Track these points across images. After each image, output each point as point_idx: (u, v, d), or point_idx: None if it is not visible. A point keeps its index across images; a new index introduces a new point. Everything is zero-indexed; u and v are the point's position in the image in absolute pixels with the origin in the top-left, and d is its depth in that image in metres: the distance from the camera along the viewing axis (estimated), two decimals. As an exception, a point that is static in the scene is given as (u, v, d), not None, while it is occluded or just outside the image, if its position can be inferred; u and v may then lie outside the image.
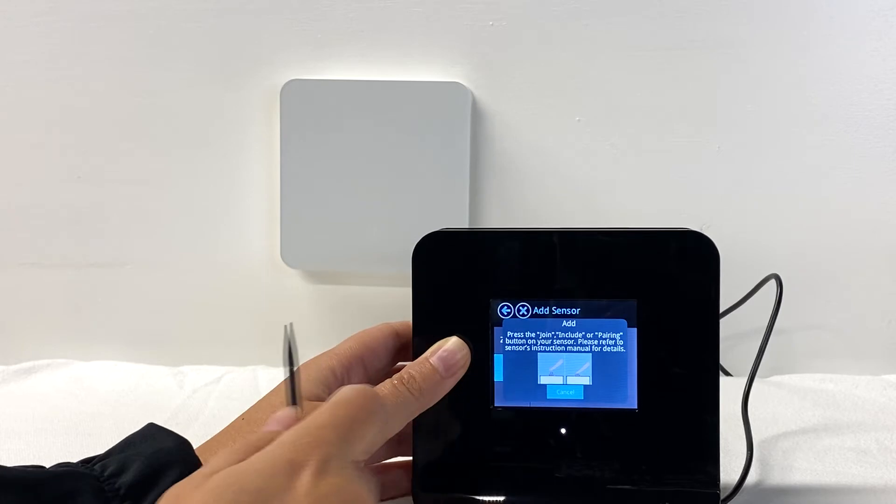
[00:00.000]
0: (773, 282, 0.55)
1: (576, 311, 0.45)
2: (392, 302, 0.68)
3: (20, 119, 0.66)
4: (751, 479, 0.48)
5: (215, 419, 0.59)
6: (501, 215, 0.65)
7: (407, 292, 0.67)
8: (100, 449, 0.55)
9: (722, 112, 0.63)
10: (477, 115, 0.64)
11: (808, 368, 0.66)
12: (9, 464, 0.53)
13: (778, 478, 0.50)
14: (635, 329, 0.44)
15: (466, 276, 0.45)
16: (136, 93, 0.65)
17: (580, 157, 0.64)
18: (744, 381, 0.53)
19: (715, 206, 0.64)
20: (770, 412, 0.58)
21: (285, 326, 0.39)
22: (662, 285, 0.44)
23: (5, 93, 0.65)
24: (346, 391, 0.37)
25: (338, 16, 0.63)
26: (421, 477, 0.46)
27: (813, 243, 0.65)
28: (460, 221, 0.64)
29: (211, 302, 0.64)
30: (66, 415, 0.60)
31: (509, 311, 0.45)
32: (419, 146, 0.63)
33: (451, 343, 0.44)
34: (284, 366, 0.38)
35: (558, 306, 0.45)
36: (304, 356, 0.71)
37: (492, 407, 0.46)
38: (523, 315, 0.45)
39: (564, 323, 0.45)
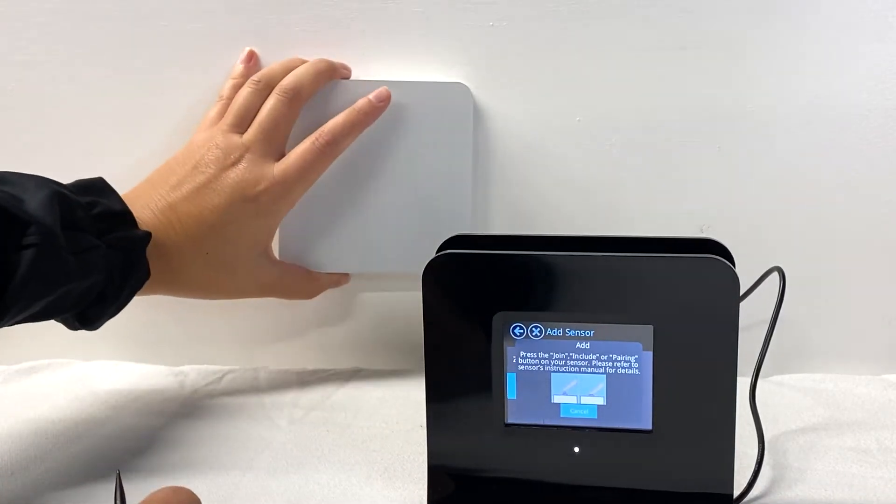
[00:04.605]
0: (771, 278, 0.55)
1: (590, 333, 0.44)
2: (393, 301, 0.68)
3: (19, 119, 0.66)
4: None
5: (216, 419, 0.59)
6: (501, 215, 0.65)
7: (408, 293, 0.67)
8: (100, 450, 0.55)
9: (722, 112, 0.63)
10: (477, 115, 0.64)
11: (809, 368, 0.66)
12: (10, 465, 0.53)
13: (777, 477, 0.50)
14: (651, 353, 0.44)
15: (478, 296, 0.45)
16: (136, 93, 0.65)
17: (580, 157, 0.64)
18: (747, 379, 0.53)
19: (715, 206, 0.64)
20: (770, 412, 0.57)
21: (117, 472, 0.41)
22: (681, 311, 0.43)
23: (4, 93, 0.65)
24: (162, 491, 0.37)
25: (338, 16, 0.63)
26: (434, 493, 0.46)
27: (812, 243, 0.65)
28: (461, 222, 0.63)
29: (211, 301, 0.64)
30: (67, 415, 0.60)
31: (522, 332, 0.45)
32: (421, 146, 0.63)
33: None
34: None
35: (572, 329, 0.44)
36: (304, 356, 0.72)
37: (505, 424, 0.45)
38: (536, 336, 0.45)
39: (578, 345, 0.44)
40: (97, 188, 0.54)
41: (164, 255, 0.55)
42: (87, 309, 0.51)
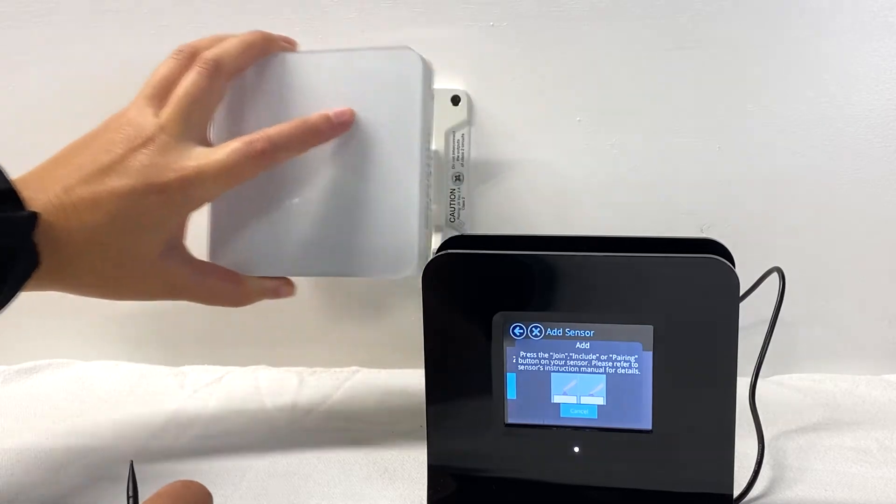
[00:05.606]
0: (771, 278, 0.55)
1: (590, 333, 0.44)
2: (393, 301, 0.68)
3: (18, 119, 0.66)
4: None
5: (216, 419, 0.60)
6: (499, 216, 0.65)
7: (408, 293, 0.67)
8: (100, 450, 0.55)
9: (722, 112, 0.63)
10: (477, 115, 0.64)
11: (809, 368, 0.66)
12: (10, 466, 0.53)
13: (777, 477, 0.50)
14: (651, 353, 0.44)
15: (478, 296, 0.45)
16: (136, 92, 0.65)
17: (580, 157, 0.64)
18: (747, 379, 0.53)
19: (715, 206, 0.64)
20: (770, 412, 0.58)
21: (131, 462, 0.41)
22: (681, 311, 0.43)
23: (4, 93, 0.65)
24: (174, 484, 0.38)
25: (339, 17, 0.63)
26: (434, 493, 0.47)
27: (813, 243, 0.65)
28: (409, 222, 0.53)
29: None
30: (68, 415, 0.60)
31: (522, 332, 0.45)
32: (365, 130, 0.53)
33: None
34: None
35: (572, 329, 0.44)
36: (304, 356, 0.72)
37: (505, 424, 0.45)
38: (536, 336, 0.45)
39: (578, 345, 0.44)
40: None
41: (55, 244, 0.47)
42: None
